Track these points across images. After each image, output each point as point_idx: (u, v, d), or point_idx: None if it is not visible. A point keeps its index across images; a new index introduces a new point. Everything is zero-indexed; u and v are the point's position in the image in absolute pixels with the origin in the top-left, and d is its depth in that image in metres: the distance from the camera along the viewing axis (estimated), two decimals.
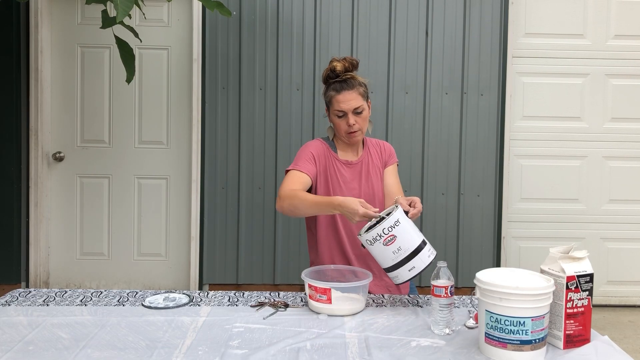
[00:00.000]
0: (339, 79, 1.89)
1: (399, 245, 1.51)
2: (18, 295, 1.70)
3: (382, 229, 1.51)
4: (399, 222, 1.52)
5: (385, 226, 1.51)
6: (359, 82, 1.89)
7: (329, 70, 1.90)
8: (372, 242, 1.53)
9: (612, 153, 3.52)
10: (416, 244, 1.53)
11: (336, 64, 1.88)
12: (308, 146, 1.97)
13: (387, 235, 1.51)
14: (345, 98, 1.86)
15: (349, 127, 1.88)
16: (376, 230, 1.51)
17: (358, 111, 1.88)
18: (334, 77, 1.90)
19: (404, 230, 1.52)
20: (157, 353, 1.29)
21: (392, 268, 1.55)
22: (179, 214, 3.49)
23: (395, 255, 1.52)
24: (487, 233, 3.42)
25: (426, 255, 1.54)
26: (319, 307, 1.56)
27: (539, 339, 1.24)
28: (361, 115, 1.89)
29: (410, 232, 1.54)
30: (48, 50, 3.40)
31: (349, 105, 1.86)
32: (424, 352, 1.31)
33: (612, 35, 3.47)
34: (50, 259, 3.49)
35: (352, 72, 1.90)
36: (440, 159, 3.40)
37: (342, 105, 1.86)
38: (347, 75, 1.89)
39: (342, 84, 1.87)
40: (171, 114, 3.46)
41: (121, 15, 2.06)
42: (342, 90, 1.87)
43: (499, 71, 3.38)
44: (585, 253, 1.34)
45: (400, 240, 1.51)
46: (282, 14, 3.35)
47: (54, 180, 3.46)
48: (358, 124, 1.89)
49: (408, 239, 1.52)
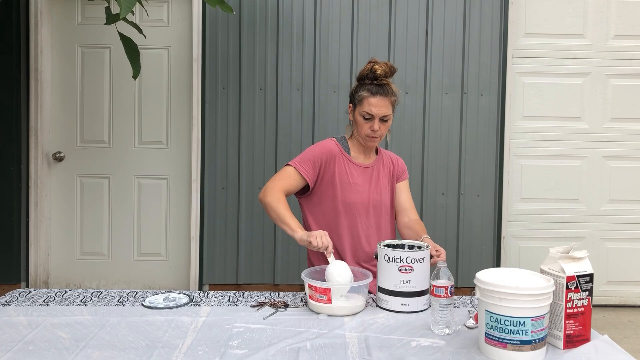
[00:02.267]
0: (376, 82, 1.87)
1: (411, 279, 1.56)
2: (18, 295, 1.70)
3: (407, 257, 1.56)
4: (423, 260, 1.58)
5: (411, 256, 1.57)
6: (392, 92, 1.89)
7: (368, 71, 1.88)
8: (389, 260, 1.58)
9: (612, 153, 3.52)
10: (425, 287, 1.59)
11: (377, 66, 1.86)
12: (319, 147, 1.95)
13: (407, 265, 1.56)
14: (378, 103, 1.86)
15: (372, 131, 1.88)
16: (401, 254, 1.57)
17: (385, 119, 1.88)
18: (372, 79, 1.88)
19: (422, 271, 1.58)
20: (157, 353, 1.29)
21: (388, 292, 1.59)
22: (179, 214, 3.49)
23: (400, 284, 1.57)
24: (487, 233, 3.42)
25: (423, 302, 1.59)
26: (319, 307, 1.56)
27: (539, 339, 1.24)
28: (386, 124, 1.90)
29: (426, 275, 1.60)
30: (48, 50, 3.40)
31: (379, 111, 1.86)
32: (424, 352, 1.31)
33: (612, 35, 3.47)
34: (50, 259, 3.49)
35: (389, 79, 1.90)
36: (440, 159, 3.40)
37: (372, 109, 1.86)
38: (385, 81, 1.88)
39: (378, 88, 1.86)
40: (171, 114, 3.46)
41: (124, 11, 2.07)
42: (377, 94, 1.86)
43: (499, 71, 3.38)
44: (585, 253, 1.34)
45: (414, 277, 1.57)
46: (282, 13, 3.35)
47: (54, 180, 3.46)
48: (381, 130, 1.89)
49: (421, 279, 1.58)
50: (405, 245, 1.67)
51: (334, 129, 3.36)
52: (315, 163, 1.91)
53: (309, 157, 1.92)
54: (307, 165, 1.90)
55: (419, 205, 3.38)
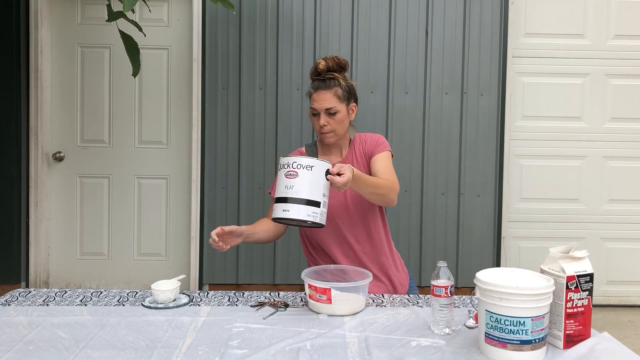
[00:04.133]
0: (320, 77, 1.85)
1: (294, 184, 1.50)
2: (18, 295, 1.70)
3: (294, 162, 1.51)
4: (310, 168, 1.50)
5: (297, 161, 1.51)
6: (338, 83, 1.84)
7: (313, 68, 1.87)
8: (279, 167, 1.55)
9: (612, 153, 3.52)
10: (306, 196, 1.49)
11: (320, 61, 1.85)
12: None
13: (292, 170, 1.51)
14: (320, 97, 1.83)
15: (320, 127, 1.84)
16: (288, 160, 1.52)
17: (331, 112, 1.82)
18: (316, 75, 1.86)
19: (307, 180, 1.50)
20: (157, 353, 1.29)
21: (276, 200, 1.54)
22: (179, 214, 3.49)
23: (284, 190, 1.51)
24: (487, 233, 3.42)
25: (306, 212, 1.48)
26: (319, 307, 1.56)
27: (539, 339, 1.24)
28: (335, 117, 1.83)
29: (312, 185, 1.50)
30: (48, 50, 3.40)
31: (321, 105, 1.82)
32: (424, 352, 1.31)
33: (612, 35, 3.47)
34: (50, 259, 3.49)
35: (336, 73, 1.85)
36: (440, 159, 3.40)
37: (314, 104, 1.84)
38: (329, 75, 1.84)
39: (319, 83, 1.84)
40: (171, 114, 3.46)
41: (127, 6, 2.07)
42: (318, 89, 1.84)
43: (499, 71, 3.38)
44: (585, 253, 1.34)
45: (298, 182, 1.50)
46: (282, 13, 3.35)
47: (54, 180, 3.46)
48: (330, 125, 1.83)
49: (306, 187, 1.49)
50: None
51: None
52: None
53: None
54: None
55: (419, 205, 3.38)
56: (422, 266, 3.39)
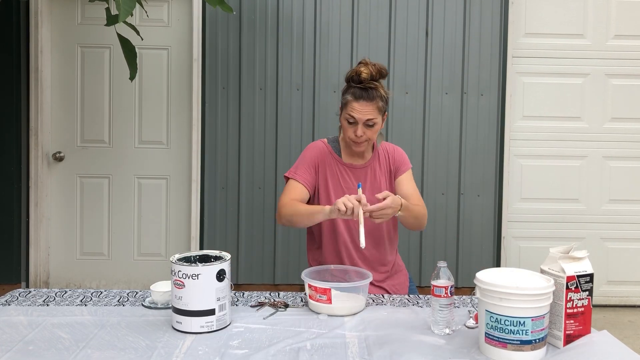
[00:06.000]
0: (361, 85, 1.78)
1: (183, 295, 1.41)
2: (18, 295, 1.70)
3: (179, 271, 1.42)
4: (198, 277, 1.41)
5: (182, 270, 1.41)
6: (380, 95, 1.79)
7: (353, 73, 1.80)
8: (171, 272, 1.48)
9: (612, 153, 3.52)
10: (204, 307, 1.42)
11: (363, 69, 1.77)
12: (309, 150, 1.93)
13: (179, 279, 1.42)
14: (361, 108, 1.77)
15: (356, 136, 1.81)
16: (175, 267, 1.43)
17: (370, 124, 1.80)
18: (357, 82, 1.79)
19: (198, 289, 1.41)
20: (157, 353, 1.29)
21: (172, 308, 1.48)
22: (179, 214, 3.49)
23: (175, 300, 1.43)
24: (487, 233, 3.42)
25: (201, 323, 1.42)
26: (319, 307, 1.56)
27: (539, 339, 1.24)
28: (372, 128, 1.81)
29: (206, 293, 1.42)
30: (48, 50, 3.40)
31: (362, 116, 1.78)
32: (424, 352, 1.31)
33: (612, 35, 3.47)
34: (50, 259, 3.49)
35: (377, 82, 1.80)
36: (440, 159, 3.40)
37: (355, 114, 1.78)
38: (371, 84, 1.78)
39: (362, 92, 1.78)
40: (171, 114, 3.46)
41: (123, 15, 2.08)
42: (360, 99, 1.77)
43: (499, 71, 3.38)
44: (585, 253, 1.34)
45: (186, 294, 1.41)
46: (282, 13, 3.35)
47: (54, 180, 3.46)
48: (366, 135, 1.81)
49: (196, 298, 1.42)
50: (193, 257, 1.51)
51: (334, 129, 3.35)
52: (310, 167, 1.88)
53: (304, 163, 1.88)
54: (304, 173, 1.87)
55: None
56: (422, 266, 3.39)
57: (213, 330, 1.42)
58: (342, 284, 1.59)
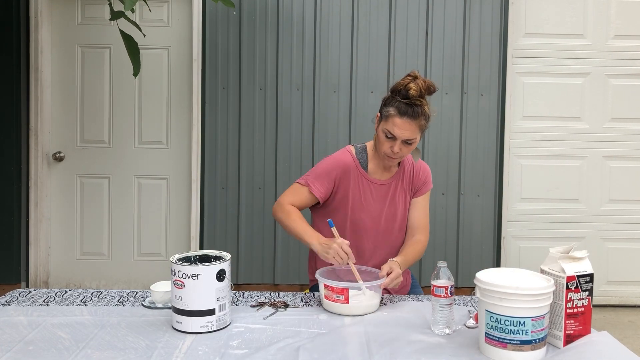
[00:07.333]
0: (407, 101, 1.70)
1: (182, 295, 1.42)
2: (18, 295, 1.70)
3: (179, 271, 1.42)
4: (198, 277, 1.41)
5: (183, 270, 1.41)
6: (424, 114, 1.71)
7: (401, 87, 1.71)
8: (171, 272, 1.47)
9: (612, 153, 3.52)
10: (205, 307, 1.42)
11: (412, 85, 1.68)
12: (334, 160, 1.85)
13: (179, 279, 1.42)
14: (404, 125, 1.70)
15: (392, 152, 1.75)
16: (175, 266, 1.44)
17: (409, 142, 1.74)
18: (403, 96, 1.70)
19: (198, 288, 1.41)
20: (157, 353, 1.29)
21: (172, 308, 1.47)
22: (179, 214, 3.49)
23: (175, 300, 1.44)
24: (487, 233, 3.42)
25: (201, 323, 1.43)
26: (336, 307, 1.56)
27: (539, 339, 1.24)
28: (409, 146, 1.76)
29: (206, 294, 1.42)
30: (48, 50, 3.40)
31: (402, 134, 1.71)
32: (424, 351, 1.31)
33: (612, 35, 3.47)
34: (50, 259, 3.49)
35: (424, 99, 1.72)
36: (440, 159, 3.40)
37: (395, 130, 1.71)
38: (418, 101, 1.70)
39: (407, 109, 1.69)
40: (171, 114, 3.46)
41: (128, 5, 2.08)
42: (404, 115, 1.70)
43: (499, 71, 3.38)
44: (585, 253, 1.34)
45: (186, 294, 1.42)
46: (282, 13, 3.35)
47: (54, 180, 3.46)
48: (402, 152, 1.76)
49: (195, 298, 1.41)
50: (193, 257, 1.51)
51: (334, 129, 3.36)
52: (329, 178, 1.82)
53: (323, 172, 1.83)
54: (319, 182, 1.82)
55: None
56: (422, 266, 3.39)
57: (213, 330, 1.43)
58: (360, 284, 1.61)
